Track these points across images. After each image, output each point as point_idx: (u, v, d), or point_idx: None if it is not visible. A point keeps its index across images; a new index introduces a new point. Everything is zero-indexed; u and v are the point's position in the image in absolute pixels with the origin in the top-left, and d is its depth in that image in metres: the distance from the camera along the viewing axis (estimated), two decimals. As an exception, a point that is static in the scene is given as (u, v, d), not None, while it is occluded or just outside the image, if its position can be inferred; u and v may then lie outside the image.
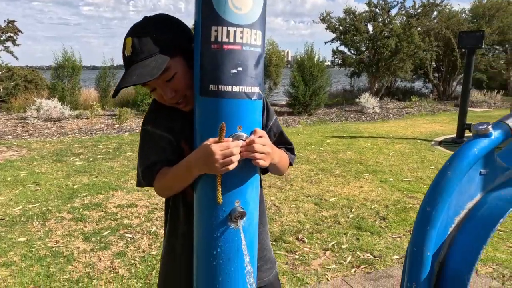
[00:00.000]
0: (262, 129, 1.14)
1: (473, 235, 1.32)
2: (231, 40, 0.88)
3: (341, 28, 13.11)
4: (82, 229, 3.17)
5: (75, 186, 4.31)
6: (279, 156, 1.10)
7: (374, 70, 13.26)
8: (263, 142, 0.96)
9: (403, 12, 13.10)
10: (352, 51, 13.59)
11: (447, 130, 8.46)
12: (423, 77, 16.06)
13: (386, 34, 12.59)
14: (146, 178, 1.09)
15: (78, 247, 2.83)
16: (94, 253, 2.74)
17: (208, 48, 0.90)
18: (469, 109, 12.11)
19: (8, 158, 5.71)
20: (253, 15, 0.90)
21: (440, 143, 7.03)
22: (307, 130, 8.47)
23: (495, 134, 1.26)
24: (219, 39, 0.89)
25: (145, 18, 1.04)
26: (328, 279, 2.42)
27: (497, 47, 16.27)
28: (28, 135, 7.73)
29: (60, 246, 2.85)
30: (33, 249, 2.79)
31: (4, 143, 6.80)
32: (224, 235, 0.97)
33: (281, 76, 13.69)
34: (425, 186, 4.34)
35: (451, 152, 6.38)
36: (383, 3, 12.97)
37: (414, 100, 13.21)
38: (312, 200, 3.87)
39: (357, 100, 11.81)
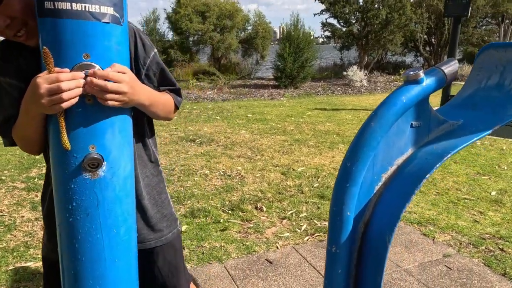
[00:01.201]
0: (136, 66, 0.98)
1: (398, 193, 1.18)
2: None
3: (330, -1, 12.72)
4: (32, 198, 3.03)
5: (37, 156, 4.15)
6: (152, 97, 0.94)
7: (363, 43, 12.97)
8: (118, 78, 0.79)
9: (395, -18, 12.69)
10: (342, 23, 13.25)
11: (433, 102, 8.23)
12: (414, 50, 15.78)
13: (376, 5, 12.23)
14: (4, 136, 0.94)
15: (23, 216, 2.70)
16: (39, 222, 2.62)
17: (37, -49, 0.73)
18: (458, 82, 11.96)
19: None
20: None
21: (423, 115, 6.91)
22: (290, 103, 8.30)
23: (427, 81, 1.12)
24: None
25: None
26: (278, 247, 2.32)
27: (490, 20, 15.95)
28: None
29: (3, 215, 2.72)
30: (-26, 219, 2.66)
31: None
32: (79, 187, 0.82)
33: (267, 49, 13.37)
34: (399, 157, 4.23)
35: (433, 124, 6.26)
36: (374, -28, 12.55)
37: (402, 72, 13.00)
38: (280, 170, 3.74)
39: (344, 73, 11.59)
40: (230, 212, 2.80)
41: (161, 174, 1.15)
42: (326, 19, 13.59)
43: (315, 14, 13.54)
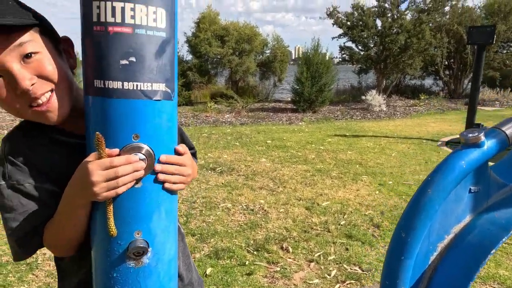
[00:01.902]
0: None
1: (459, 267, 1.08)
2: (119, 20, 0.66)
3: (348, 23, 12.75)
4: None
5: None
6: (196, 170, 0.90)
7: (382, 66, 12.90)
8: (182, 162, 0.77)
9: (413, 7, 12.69)
10: (360, 47, 13.23)
11: (455, 130, 8.12)
12: (434, 74, 15.61)
13: (395, 30, 12.21)
14: (28, 246, 0.80)
15: (45, 253, 2.64)
16: (60, 260, 2.56)
17: (90, 31, 0.68)
18: (480, 107, 11.72)
19: None
20: (150, -14, 0.67)
21: (447, 143, 6.73)
22: (309, 128, 8.21)
23: (489, 143, 1.03)
24: (102, 19, 0.66)
25: None
26: (307, 297, 2.19)
27: (512, 44, 15.72)
28: None
29: (25, 251, 2.67)
30: (-4, 254, 2.62)
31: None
32: (122, 276, 0.75)
33: (285, 72, 13.41)
34: (426, 191, 4.07)
35: (458, 154, 6.07)
36: (392, -3, 12.58)
37: (423, 98, 12.83)
38: (304, 204, 3.63)
39: (363, 97, 11.49)
40: (255, 252, 2.69)
41: (184, 236, 1.09)
42: (344, 43, 13.61)
43: (333, 38, 13.58)
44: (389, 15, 12.64)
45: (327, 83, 10.25)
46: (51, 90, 0.75)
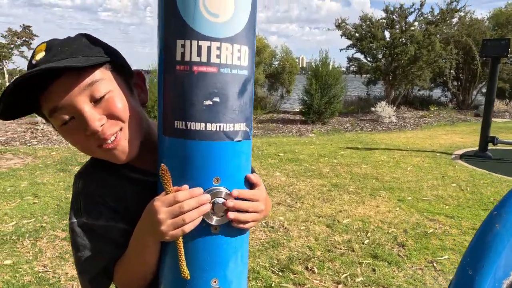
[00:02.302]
0: None
1: (528, 306, 1.02)
2: (204, 59, 0.63)
3: (357, 35, 12.78)
4: (74, 250, 2.95)
5: (74, 200, 4.11)
6: (269, 205, 0.86)
7: (391, 77, 12.87)
8: (258, 196, 0.72)
9: (421, 18, 12.70)
10: (369, 58, 13.23)
11: (467, 142, 8.04)
12: (442, 85, 15.56)
13: (404, 41, 12.20)
14: (99, 285, 0.78)
15: (67, 273, 2.60)
16: (83, 280, 2.51)
17: (172, 70, 0.65)
18: (496, 119, 11.63)
19: (12, 166, 5.57)
20: (236, 24, 0.64)
21: (461, 156, 6.64)
22: (320, 140, 8.16)
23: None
24: (187, 58, 0.63)
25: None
26: (339, 322, 2.13)
27: (520, 55, 15.64)
28: (36, 141, 7.64)
29: (47, 271, 2.63)
30: (17, 274, 2.57)
31: (11, 150, 6.70)
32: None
33: (293, 84, 13.43)
34: (447, 207, 4.00)
35: (474, 167, 5.99)
36: (399, 10, 12.60)
37: (432, 109, 12.77)
38: (324, 222, 3.57)
39: (372, 109, 11.45)
40: (280, 273, 2.63)
41: None
42: (352, 54, 13.62)
43: (341, 50, 13.61)
44: (397, 26, 12.66)
45: (336, 94, 10.23)
46: (120, 129, 0.73)
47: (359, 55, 13.51)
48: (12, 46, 12.55)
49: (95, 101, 0.69)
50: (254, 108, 11.87)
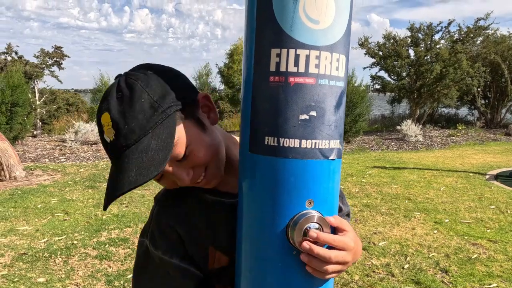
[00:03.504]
0: None
1: None
2: (302, 69, 0.57)
3: (380, 53, 12.68)
4: (106, 269, 2.91)
5: (104, 217, 4.11)
6: (358, 253, 0.74)
7: (415, 96, 12.65)
8: (343, 245, 0.62)
9: (447, 36, 12.52)
10: (393, 77, 13.07)
11: (501, 162, 7.72)
12: (469, 104, 15.18)
13: (429, 60, 12.03)
14: None
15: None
16: (116, 301, 2.46)
17: (265, 82, 0.59)
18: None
19: (42, 182, 5.66)
20: (336, 31, 0.59)
21: (496, 177, 6.36)
22: (346, 159, 8.01)
23: None
24: (282, 68, 0.58)
25: (119, 79, 0.68)
26: None
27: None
28: (64, 158, 7.78)
29: (80, 290, 2.59)
30: (51, 293, 2.54)
31: (41, 167, 6.83)
32: None
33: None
34: (488, 231, 3.79)
35: (511, 188, 5.73)
36: (426, 28, 12.47)
37: (460, 128, 12.43)
38: (359, 244, 3.43)
39: (398, 127, 11.23)
40: (318, 299, 2.50)
41: None
42: (376, 72, 13.50)
43: (364, 68, 13.53)
44: (422, 45, 12.51)
45: (361, 113, 10.10)
46: (206, 168, 0.72)
47: (382, 73, 13.38)
48: (43, 66, 13.00)
49: (179, 160, 0.68)
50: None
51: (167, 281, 0.74)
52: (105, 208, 0.68)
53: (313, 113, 0.58)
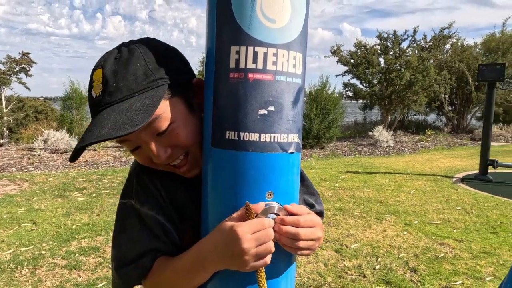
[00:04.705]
0: None
1: None
2: (260, 66, 0.60)
3: (352, 61, 13.01)
4: (75, 279, 2.83)
5: (73, 226, 4.00)
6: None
7: (386, 102, 13.03)
8: (310, 223, 0.65)
9: (414, 45, 13.00)
10: (364, 84, 13.42)
11: (467, 166, 8.04)
12: (437, 110, 15.76)
13: (398, 67, 12.43)
14: (128, 278, 0.73)
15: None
16: (85, 310, 2.39)
17: (225, 78, 0.62)
18: (495, 143, 11.72)
19: (9, 192, 5.45)
20: (293, 30, 0.62)
21: (463, 180, 6.62)
22: (320, 165, 8.13)
23: None
24: (241, 65, 0.60)
25: (123, 44, 0.71)
26: None
27: (511, 80, 15.98)
28: (32, 167, 7.52)
29: (47, 301, 2.51)
30: (16, 305, 2.45)
31: (7, 176, 6.57)
32: None
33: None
34: (454, 231, 3.94)
35: (476, 190, 5.96)
36: (393, 36, 12.91)
37: (429, 133, 12.86)
38: (332, 246, 3.48)
39: (370, 133, 11.51)
40: (292, 301, 2.52)
41: None
42: (348, 80, 13.83)
43: (337, 75, 13.82)
44: (391, 53, 12.92)
45: (335, 119, 10.29)
46: (186, 152, 0.72)
47: (354, 81, 13.72)
48: (10, 72, 12.56)
49: (159, 134, 0.68)
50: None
51: (149, 237, 0.72)
52: (71, 159, 0.67)
53: (272, 108, 0.61)
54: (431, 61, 12.88)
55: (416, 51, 12.81)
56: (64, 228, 3.92)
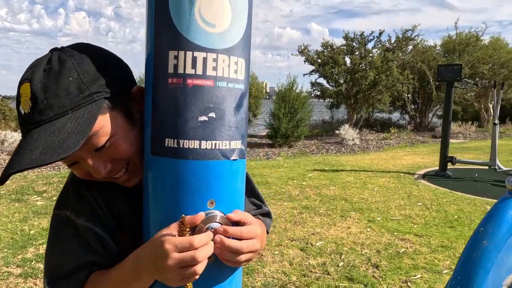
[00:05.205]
0: None
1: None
2: (200, 72, 0.58)
3: (319, 60, 13.22)
4: (31, 287, 2.70)
5: (31, 232, 3.82)
6: (264, 238, 0.78)
7: (352, 101, 13.33)
8: (252, 235, 0.63)
9: (379, 45, 13.37)
10: (331, 83, 13.67)
11: (428, 163, 8.36)
12: (400, 109, 16.29)
13: (363, 67, 12.75)
14: None
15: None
16: (41, 321, 2.29)
17: (163, 84, 0.59)
18: (454, 140, 12.25)
19: (-40, 197, 5.13)
20: (233, 35, 0.61)
21: (424, 176, 6.88)
22: (288, 163, 8.20)
23: (533, 189, 1.01)
24: (180, 71, 0.58)
25: (53, 50, 0.65)
26: None
27: (468, 80, 16.78)
28: (-13, 170, 7.13)
29: (0, 312, 2.38)
30: (-35, 318, 2.31)
31: (-41, 180, 6.19)
32: None
33: (260, 108, 13.57)
34: (415, 226, 4.08)
35: (436, 186, 6.21)
36: (359, 37, 13.22)
37: (393, 131, 13.27)
38: (297, 245, 3.52)
39: (337, 131, 11.74)
40: (256, 301, 2.53)
41: None
42: (315, 79, 14.04)
43: (304, 75, 13.99)
44: (356, 53, 13.23)
45: (303, 118, 10.42)
46: (127, 164, 0.68)
47: (321, 80, 13.94)
48: (-38, 69, 11.89)
49: (97, 149, 0.64)
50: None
51: (84, 250, 0.69)
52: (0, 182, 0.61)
53: (212, 114, 0.59)
54: (395, 62, 13.30)
55: (381, 51, 13.18)
56: (20, 234, 3.74)
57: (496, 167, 6.98)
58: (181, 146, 0.58)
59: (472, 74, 15.73)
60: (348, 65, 13.08)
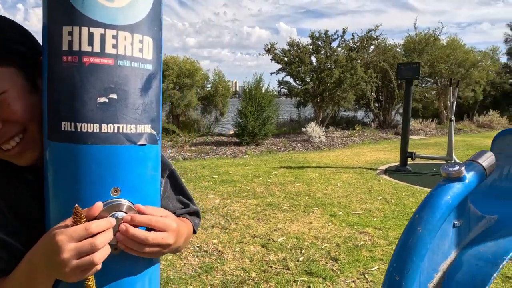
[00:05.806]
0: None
1: (453, 308, 1.04)
2: (97, 49, 0.54)
3: (286, 59, 13.31)
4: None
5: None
6: (185, 236, 0.74)
7: (319, 100, 13.51)
8: (162, 226, 0.60)
9: (343, 45, 13.63)
10: (298, 82, 13.80)
11: (390, 158, 8.60)
12: (365, 106, 16.69)
13: (329, 66, 12.95)
14: None
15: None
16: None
17: (58, 62, 0.55)
18: (414, 137, 12.68)
19: None
20: (136, 11, 0.57)
21: (385, 171, 7.07)
22: (254, 161, 8.20)
23: (469, 176, 1.03)
24: (75, 48, 0.54)
25: None
26: None
27: (428, 79, 17.44)
28: None
29: None
30: None
31: None
32: None
33: (227, 106, 13.50)
34: (375, 219, 4.17)
35: (396, 181, 6.40)
36: (324, 36, 13.42)
37: (358, 129, 13.58)
38: (259, 241, 3.51)
39: (303, 129, 11.86)
40: (214, 299, 2.49)
41: None
42: (282, 77, 14.12)
43: (271, 73, 14.04)
44: (322, 52, 13.43)
45: (269, 116, 10.45)
46: (23, 131, 0.62)
47: (288, 79, 14.05)
48: None
49: None
50: (187, 131, 11.66)
51: None
52: None
53: (114, 95, 0.55)
54: (359, 61, 13.60)
55: (345, 51, 13.44)
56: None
57: (453, 161, 7.28)
58: (78, 130, 0.54)
59: (431, 73, 16.36)
60: (314, 64, 13.25)
